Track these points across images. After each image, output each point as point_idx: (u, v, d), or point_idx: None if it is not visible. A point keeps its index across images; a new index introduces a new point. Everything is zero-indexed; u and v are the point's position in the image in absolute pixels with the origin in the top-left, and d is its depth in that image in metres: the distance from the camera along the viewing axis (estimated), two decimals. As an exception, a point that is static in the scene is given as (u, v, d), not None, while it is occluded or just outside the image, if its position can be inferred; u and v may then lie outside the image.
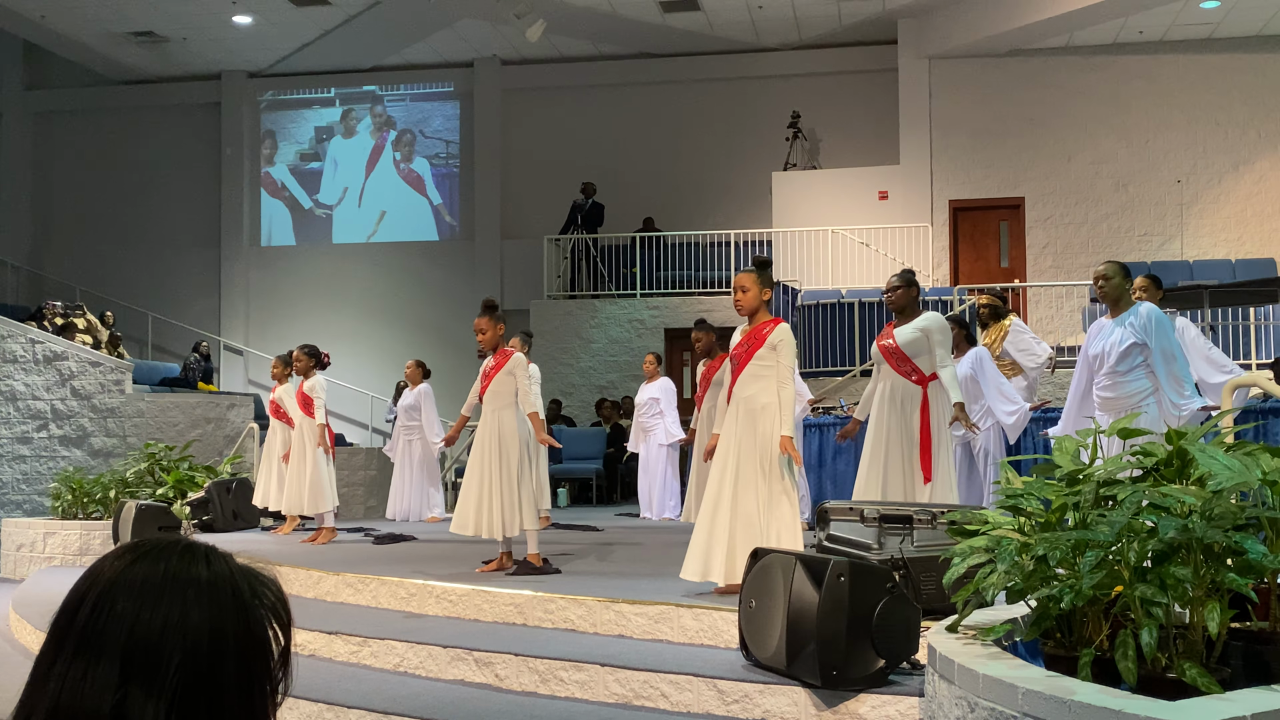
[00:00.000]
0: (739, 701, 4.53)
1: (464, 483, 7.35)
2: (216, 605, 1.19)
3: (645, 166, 19.28)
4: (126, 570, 1.20)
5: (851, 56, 18.65)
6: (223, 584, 1.21)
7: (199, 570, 1.20)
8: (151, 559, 1.21)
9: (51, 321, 15.14)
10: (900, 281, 6.94)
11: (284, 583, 1.30)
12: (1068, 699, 2.72)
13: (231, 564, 1.24)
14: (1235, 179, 16.95)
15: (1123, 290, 6.73)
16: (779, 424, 5.87)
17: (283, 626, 1.24)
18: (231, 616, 1.19)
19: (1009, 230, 17.73)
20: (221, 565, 1.22)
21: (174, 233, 20.73)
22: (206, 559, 1.22)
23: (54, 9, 17.59)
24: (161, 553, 1.22)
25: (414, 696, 5.10)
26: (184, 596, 1.18)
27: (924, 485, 6.60)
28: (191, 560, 1.21)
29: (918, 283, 7.03)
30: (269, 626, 1.22)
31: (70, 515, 11.58)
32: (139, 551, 1.22)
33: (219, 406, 13.73)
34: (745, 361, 6.00)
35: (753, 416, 5.92)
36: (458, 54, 19.73)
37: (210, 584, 1.20)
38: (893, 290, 6.94)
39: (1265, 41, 16.87)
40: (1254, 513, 3.12)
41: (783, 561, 4.55)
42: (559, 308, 17.92)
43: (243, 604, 1.21)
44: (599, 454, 15.58)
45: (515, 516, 7.16)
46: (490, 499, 7.19)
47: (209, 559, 1.22)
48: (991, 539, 3.52)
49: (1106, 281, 6.74)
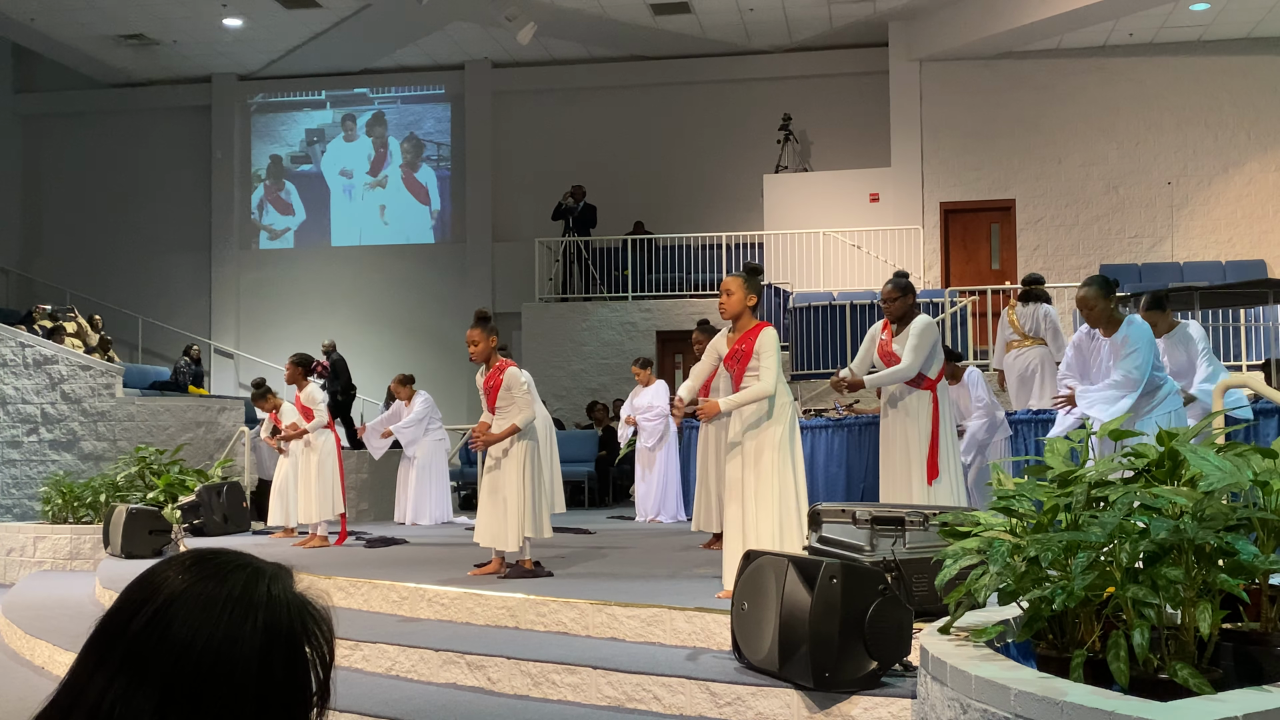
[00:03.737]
0: (731, 704, 4.52)
1: (481, 496, 7.43)
2: (270, 641, 1.14)
3: (637, 169, 19.28)
4: (190, 587, 1.15)
5: (842, 59, 18.67)
6: (280, 622, 1.16)
7: (259, 599, 1.16)
8: (215, 580, 1.16)
9: (41, 325, 15.10)
10: (897, 291, 6.91)
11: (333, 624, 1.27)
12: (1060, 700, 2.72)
13: (290, 594, 1.19)
14: (1225, 181, 17.00)
15: (1109, 311, 6.37)
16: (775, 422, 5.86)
17: (325, 667, 1.21)
18: (282, 655, 1.15)
19: (1000, 232, 17.77)
20: (281, 597, 1.18)
21: (164, 236, 20.69)
22: (269, 587, 1.17)
23: (44, 12, 17.55)
24: (227, 574, 1.17)
25: (406, 700, 5.09)
26: (240, 630, 1.13)
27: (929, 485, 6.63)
28: (255, 586, 1.17)
29: (913, 287, 7.03)
30: (314, 671, 1.19)
31: (60, 519, 11.55)
32: (204, 568, 1.17)
33: (209, 410, 13.70)
34: (740, 374, 5.99)
35: (749, 424, 5.92)
36: (448, 56, 19.73)
37: (268, 624, 1.15)
38: (890, 301, 6.91)
39: (1254, 44, 16.93)
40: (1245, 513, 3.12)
41: (775, 563, 4.55)
42: (551, 310, 17.91)
43: (295, 646, 1.17)
44: (591, 457, 15.57)
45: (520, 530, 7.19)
46: (507, 511, 7.23)
47: (270, 587, 1.17)
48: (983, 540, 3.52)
49: (1090, 310, 6.38)
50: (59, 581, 9.95)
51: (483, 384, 7.48)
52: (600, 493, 15.67)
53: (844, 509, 5.34)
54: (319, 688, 1.19)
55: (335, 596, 7.08)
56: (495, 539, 7.25)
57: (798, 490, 5.86)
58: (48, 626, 7.52)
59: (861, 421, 10.48)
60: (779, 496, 5.77)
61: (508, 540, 7.19)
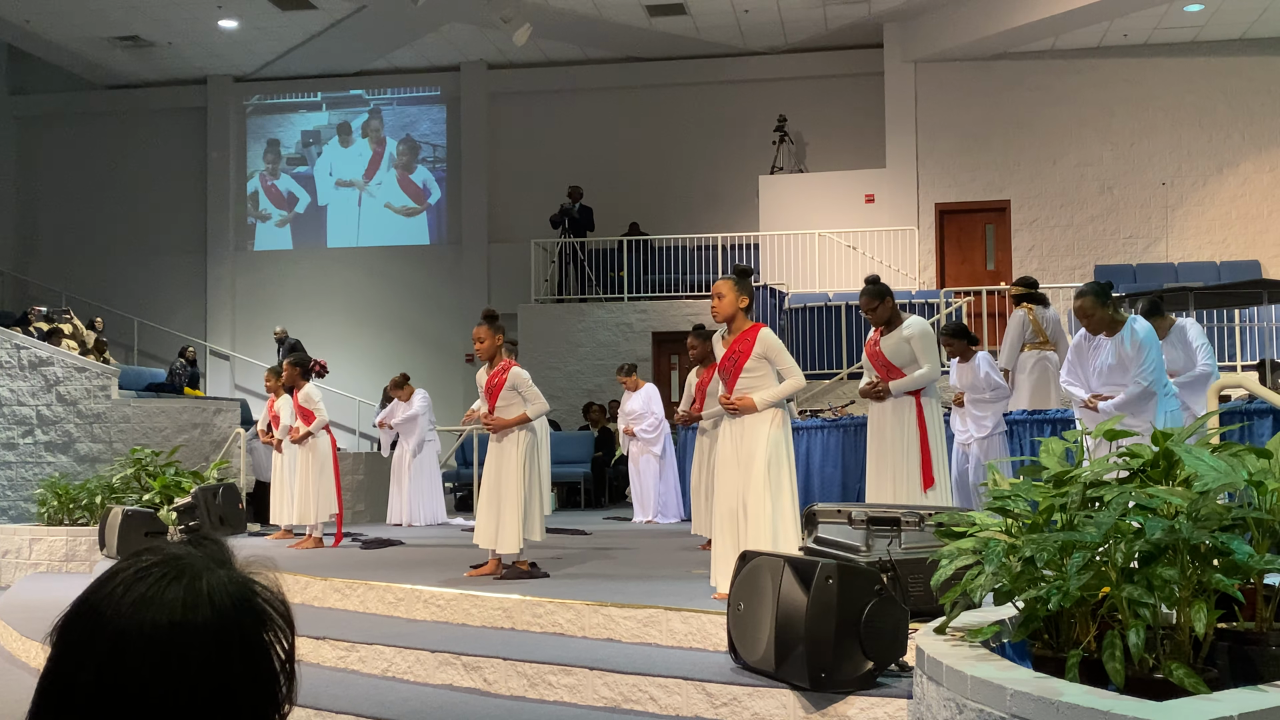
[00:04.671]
0: (728, 704, 4.53)
1: (481, 497, 7.44)
2: (223, 648, 1.12)
3: (632, 170, 19.28)
4: (129, 622, 1.10)
5: (837, 60, 18.68)
6: (229, 624, 1.13)
7: (202, 613, 1.12)
8: (155, 605, 1.11)
9: (37, 327, 15.08)
10: (875, 299, 6.86)
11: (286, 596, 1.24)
12: (1055, 700, 2.73)
13: (232, 586, 1.15)
14: (1220, 181, 17.03)
15: (1109, 317, 6.34)
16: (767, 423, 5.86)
17: (285, 644, 1.18)
18: (240, 654, 1.13)
19: (995, 233, 17.78)
20: (222, 596, 1.14)
21: (160, 237, 20.67)
22: (209, 591, 1.13)
23: (39, 14, 17.54)
24: (164, 589, 1.12)
25: (402, 701, 5.09)
26: (191, 653, 1.10)
27: (924, 492, 6.63)
28: (194, 595, 1.12)
29: (888, 289, 6.97)
30: (275, 651, 1.16)
31: (56, 521, 11.53)
32: (140, 586, 1.13)
33: (205, 412, 13.69)
34: (735, 375, 5.97)
35: (742, 425, 5.92)
36: (444, 58, 19.73)
37: (218, 632, 1.12)
38: (870, 310, 6.90)
39: (1248, 45, 16.96)
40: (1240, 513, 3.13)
41: (771, 564, 4.55)
42: (546, 312, 17.91)
43: (249, 639, 1.14)
44: (587, 458, 15.57)
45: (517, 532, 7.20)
46: (499, 514, 7.23)
47: (211, 593, 1.13)
48: (979, 541, 3.53)
49: (1089, 319, 6.34)
50: (55, 583, 9.93)
51: (485, 382, 7.50)
52: (596, 494, 15.67)
53: (840, 509, 5.34)
54: (282, 666, 1.17)
55: (331, 598, 7.09)
56: (494, 540, 7.25)
57: (791, 490, 5.86)
58: (43, 629, 7.49)
59: (857, 422, 10.48)
60: (772, 496, 5.77)
61: (507, 541, 7.20)
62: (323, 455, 10.02)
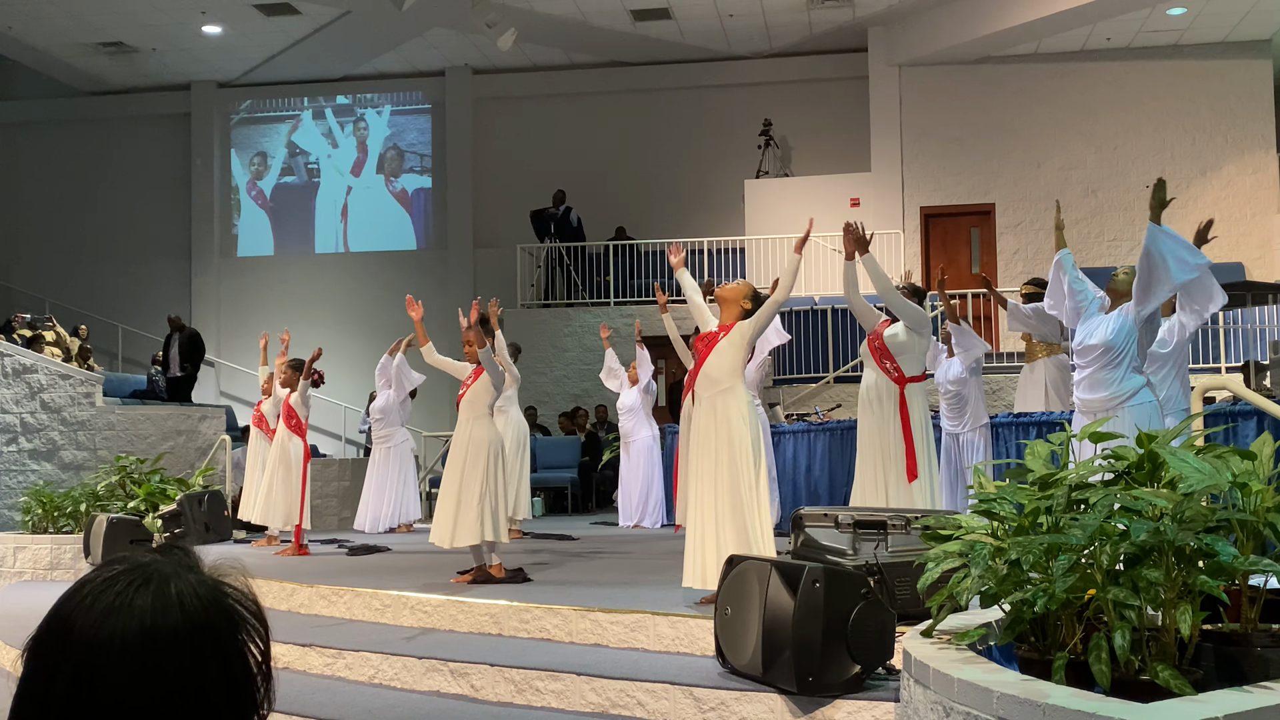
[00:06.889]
0: (715, 709, 4.52)
1: (440, 494, 7.39)
2: (196, 654, 1.11)
3: (618, 174, 19.28)
4: (98, 633, 1.10)
5: (822, 64, 18.71)
6: (201, 628, 1.12)
7: (173, 619, 1.11)
8: (123, 613, 1.10)
9: (20, 334, 15.01)
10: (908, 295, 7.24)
11: (258, 597, 1.24)
12: (1042, 702, 2.73)
13: (201, 589, 1.15)
14: (1203, 184, 17.10)
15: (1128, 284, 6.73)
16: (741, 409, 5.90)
17: (262, 639, 1.17)
18: (214, 659, 1.12)
19: (980, 236, 17.83)
20: (192, 600, 1.13)
21: (144, 244, 20.59)
22: (179, 597, 1.13)
23: (22, 20, 17.47)
24: (133, 597, 1.12)
25: (389, 708, 5.07)
26: (166, 661, 1.09)
27: (909, 484, 6.70)
28: (164, 602, 1.12)
29: (920, 289, 7.46)
30: (250, 651, 1.16)
31: (41, 529, 11.47)
32: (106, 596, 1.12)
33: (190, 419, 13.64)
34: (708, 351, 6.08)
35: (714, 406, 5.94)
36: (429, 63, 19.71)
37: (191, 638, 1.11)
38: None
39: (1231, 48, 17.04)
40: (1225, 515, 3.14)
41: (758, 568, 4.55)
42: (533, 316, 17.89)
43: (223, 642, 1.13)
44: (574, 463, 15.55)
45: (479, 525, 7.16)
46: (461, 508, 7.21)
47: (181, 599, 1.13)
48: (965, 543, 3.53)
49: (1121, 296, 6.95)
50: (39, 592, 9.89)
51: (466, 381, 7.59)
52: (583, 499, 15.65)
53: (826, 513, 5.35)
54: (259, 666, 1.17)
55: (318, 605, 7.07)
56: (451, 537, 7.21)
57: (761, 489, 5.88)
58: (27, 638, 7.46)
59: (843, 425, 10.50)
60: (742, 494, 5.78)
61: (466, 533, 7.15)
62: (294, 462, 10.00)
